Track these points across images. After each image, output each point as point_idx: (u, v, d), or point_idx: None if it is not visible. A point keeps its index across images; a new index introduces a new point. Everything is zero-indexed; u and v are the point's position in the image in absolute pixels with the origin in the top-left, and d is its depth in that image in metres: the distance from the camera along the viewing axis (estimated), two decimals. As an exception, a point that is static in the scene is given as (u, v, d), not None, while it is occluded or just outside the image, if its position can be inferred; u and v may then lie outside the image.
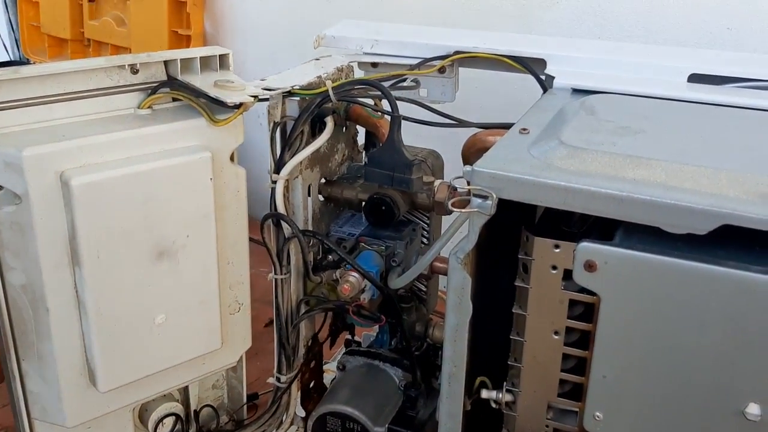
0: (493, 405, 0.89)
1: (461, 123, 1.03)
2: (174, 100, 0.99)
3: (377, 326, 1.31)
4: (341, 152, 1.18)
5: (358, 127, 1.21)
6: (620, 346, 0.76)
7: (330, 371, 1.41)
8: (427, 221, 1.23)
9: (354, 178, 1.19)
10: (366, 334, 1.45)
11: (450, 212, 1.15)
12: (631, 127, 0.85)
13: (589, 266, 0.74)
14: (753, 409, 0.71)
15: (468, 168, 0.77)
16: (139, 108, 0.96)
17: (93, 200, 0.88)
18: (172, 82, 0.97)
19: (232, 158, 1.02)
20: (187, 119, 0.96)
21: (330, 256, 1.15)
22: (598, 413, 0.79)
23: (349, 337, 1.38)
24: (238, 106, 0.93)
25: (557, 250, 0.78)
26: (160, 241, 0.94)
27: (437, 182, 1.12)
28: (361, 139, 1.24)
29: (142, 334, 0.97)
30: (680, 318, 0.72)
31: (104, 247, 0.90)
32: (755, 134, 0.87)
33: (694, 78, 1.01)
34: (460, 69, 1.20)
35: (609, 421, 0.78)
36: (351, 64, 1.18)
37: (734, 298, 0.69)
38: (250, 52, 2.16)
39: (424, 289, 1.28)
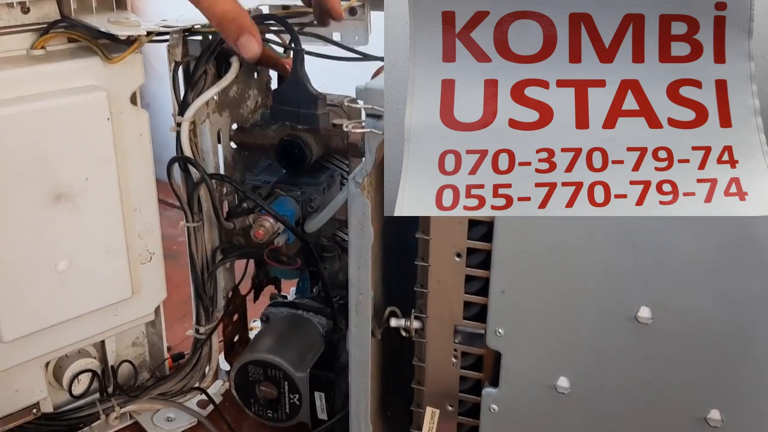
0: (404, 333, 0.89)
1: (365, 57, 1.02)
2: (70, 41, 0.96)
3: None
4: (254, 99, 1.17)
5: (271, 73, 1.19)
6: (515, 259, 0.76)
7: (257, 328, 1.40)
8: (347, 168, 1.23)
9: (268, 125, 1.17)
10: (293, 288, 1.44)
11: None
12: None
13: (481, 180, 0.74)
14: (644, 313, 0.72)
15: (361, 86, 0.76)
16: (31, 48, 0.93)
17: (-20, 140, 0.85)
18: (65, 21, 0.94)
19: (133, 101, 0.99)
20: (81, 58, 0.93)
21: (245, 204, 1.13)
22: (499, 329, 0.79)
23: (276, 292, 1.37)
24: (132, 42, 0.91)
25: (453, 169, 0.78)
26: (57, 183, 0.91)
27: (349, 123, 1.11)
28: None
29: (44, 281, 0.94)
30: (569, 225, 0.72)
31: (-4, 190, 0.87)
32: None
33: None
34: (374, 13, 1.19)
35: (510, 336, 0.79)
36: (261, 6, 1.15)
37: (620, 202, 0.70)
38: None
39: (346, 238, 1.28)
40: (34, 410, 1.07)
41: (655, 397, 0.76)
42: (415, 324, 0.88)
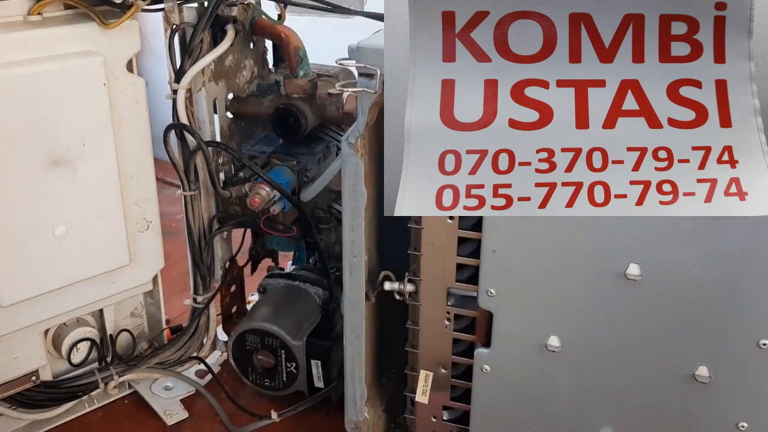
0: (397, 297, 0.89)
1: (336, 8, 1.02)
2: (66, 7, 0.97)
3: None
4: (249, 69, 1.17)
5: (267, 44, 1.20)
6: (505, 219, 0.76)
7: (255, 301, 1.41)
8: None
9: (264, 94, 1.17)
10: (291, 262, 1.45)
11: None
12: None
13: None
14: (633, 270, 0.73)
15: (353, 45, 0.77)
16: (28, 14, 0.93)
17: (-23, 104, 0.85)
18: (61, -13, 0.94)
19: (130, 69, 1.00)
20: (77, 24, 0.93)
21: (241, 173, 1.14)
22: (491, 289, 0.80)
23: (273, 264, 1.38)
24: (128, 7, 0.91)
25: (446, 132, 0.78)
26: (53, 148, 0.92)
27: (342, 90, 1.11)
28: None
29: (42, 245, 0.95)
30: (561, 183, 0.73)
31: (-7, 153, 0.88)
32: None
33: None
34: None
35: (502, 296, 0.80)
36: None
37: (610, 159, 0.70)
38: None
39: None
40: (34, 378, 1.08)
41: (644, 354, 0.76)
42: (409, 287, 0.88)
